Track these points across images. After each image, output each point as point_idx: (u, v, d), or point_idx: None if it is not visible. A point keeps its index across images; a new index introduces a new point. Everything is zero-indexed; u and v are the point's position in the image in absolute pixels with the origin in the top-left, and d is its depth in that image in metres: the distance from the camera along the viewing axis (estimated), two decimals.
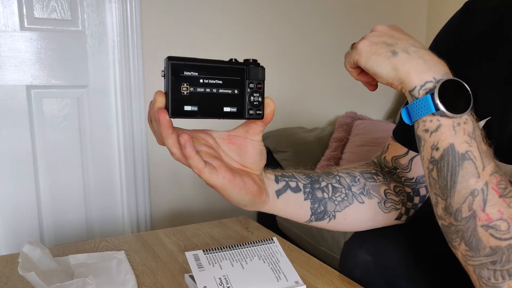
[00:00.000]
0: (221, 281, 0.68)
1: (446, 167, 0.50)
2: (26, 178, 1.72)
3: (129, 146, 1.84)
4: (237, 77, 0.51)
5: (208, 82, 0.49)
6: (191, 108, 0.48)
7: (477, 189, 0.48)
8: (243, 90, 0.51)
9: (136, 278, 0.75)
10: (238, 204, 0.57)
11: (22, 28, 1.64)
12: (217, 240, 0.95)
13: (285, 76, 2.13)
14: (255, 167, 0.58)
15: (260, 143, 0.58)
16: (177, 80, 0.47)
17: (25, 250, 0.70)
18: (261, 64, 0.53)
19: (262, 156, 0.59)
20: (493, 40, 0.62)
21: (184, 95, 0.48)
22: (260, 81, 0.52)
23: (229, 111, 0.51)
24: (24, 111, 1.68)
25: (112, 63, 1.79)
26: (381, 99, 2.40)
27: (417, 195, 0.72)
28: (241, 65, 0.51)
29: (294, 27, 2.12)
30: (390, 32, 0.54)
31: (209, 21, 1.92)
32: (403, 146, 0.71)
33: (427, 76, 0.50)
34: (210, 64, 0.49)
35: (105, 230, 1.88)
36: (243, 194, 0.56)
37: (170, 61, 0.47)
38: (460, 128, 0.49)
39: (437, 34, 0.71)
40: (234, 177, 0.54)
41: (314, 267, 0.82)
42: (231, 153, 0.57)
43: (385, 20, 2.33)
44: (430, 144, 0.51)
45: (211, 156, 0.53)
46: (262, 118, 0.53)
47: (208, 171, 0.51)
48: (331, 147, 1.94)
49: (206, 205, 2.02)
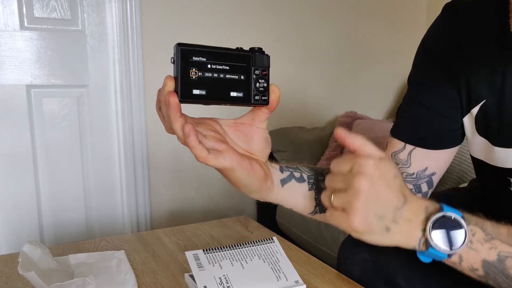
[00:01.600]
0: (221, 280, 0.68)
1: (497, 277, 0.52)
2: (26, 177, 1.72)
3: (129, 146, 1.84)
4: (243, 63, 0.53)
5: (216, 68, 0.51)
6: (199, 92, 0.50)
7: None
8: (249, 76, 0.53)
9: (136, 277, 0.75)
10: (245, 188, 0.58)
11: (22, 28, 1.64)
12: (217, 239, 0.95)
13: (285, 75, 2.12)
14: (261, 154, 0.59)
15: (266, 131, 0.59)
16: (186, 65, 0.49)
17: (25, 249, 0.70)
18: (266, 53, 0.54)
19: (268, 144, 0.60)
20: (480, 28, 0.64)
21: (192, 79, 0.50)
22: (265, 68, 0.54)
23: (236, 96, 0.52)
24: (24, 110, 1.68)
25: (112, 63, 1.79)
26: (381, 99, 2.40)
27: (419, 191, 0.72)
28: (247, 52, 0.53)
29: (294, 26, 2.12)
30: (376, 192, 0.50)
31: (209, 20, 1.92)
32: (400, 141, 0.72)
33: (417, 233, 0.52)
34: (217, 51, 0.51)
35: (105, 229, 1.88)
36: (251, 177, 0.57)
37: (180, 46, 0.49)
38: (476, 243, 0.52)
39: (423, 39, 0.72)
40: (242, 160, 0.55)
41: (314, 266, 0.82)
42: (237, 140, 0.58)
43: (385, 18, 2.33)
44: (467, 269, 0.53)
45: (217, 140, 0.54)
46: (267, 104, 0.55)
47: (213, 157, 0.52)
48: (331, 147, 1.94)
49: (206, 205, 2.02)
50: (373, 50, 2.34)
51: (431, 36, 0.71)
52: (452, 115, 0.68)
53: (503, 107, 0.62)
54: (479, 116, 0.65)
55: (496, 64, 0.62)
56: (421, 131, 0.70)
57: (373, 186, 0.50)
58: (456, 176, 1.50)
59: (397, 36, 2.36)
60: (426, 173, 0.72)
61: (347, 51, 2.27)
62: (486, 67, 0.63)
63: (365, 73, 2.34)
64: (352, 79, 2.31)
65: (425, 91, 0.70)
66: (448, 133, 0.70)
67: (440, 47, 0.68)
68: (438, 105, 0.68)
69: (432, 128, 0.70)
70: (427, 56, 0.71)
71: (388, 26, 2.35)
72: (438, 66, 0.68)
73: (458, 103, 0.67)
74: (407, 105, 0.73)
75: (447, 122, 0.69)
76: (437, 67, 0.68)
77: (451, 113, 0.68)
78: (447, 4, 0.69)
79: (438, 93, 0.68)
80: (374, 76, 2.36)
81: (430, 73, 0.69)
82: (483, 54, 0.63)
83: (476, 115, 0.66)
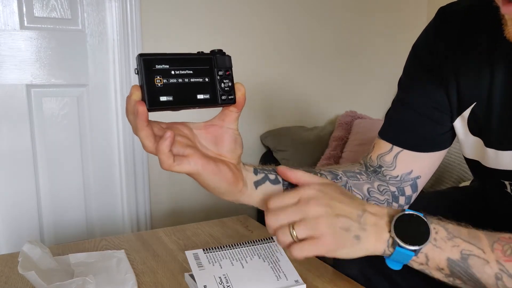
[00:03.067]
0: (221, 280, 0.68)
1: (461, 276, 0.53)
2: (26, 177, 1.72)
3: (129, 145, 1.84)
4: (206, 66, 0.54)
5: (180, 73, 0.52)
6: (167, 98, 0.51)
7: (497, 273, 0.51)
8: (213, 78, 0.54)
9: (136, 277, 0.76)
10: (214, 191, 0.59)
11: (22, 27, 1.64)
12: (217, 239, 0.95)
13: (285, 75, 2.13)
14: (231, 155, 0.60)
15: (236, 131, 0.60)
16: (150, 73, 0.50)
17: (25, 249, 0.70)
18: (226, 53, 0.55)
19: (238, 144, 0.60)
20: (471, 32, 0.64)
21: (158, 86, 0.51)
22: (227, 68, 0.55)
23: (203, 98, 0.53)
24: (24, 110, 1.68)
25: (112, 62, 1.79)
26: (381, 98, 2.40)
27: (402, 194, 0.73)
28: (208, 55, 0.54)
29: (295, 25, 2.11)
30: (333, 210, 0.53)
31: (209, 20, 1.92)
32: (387, 143, 0.72)
33: (384, 235, 0.54)
34: (179, 57, 0.52)
35: (105, 229, 1.88)
36: (217, 180, 0.57)
37: (142, 57, 0.50)
38: (439, 241, 0.53)
39: (414, 43, 0.73)
40: (208, 163, 0.55)
41: (314, 266, 0.82)
42: (207, 143, 0.59)
43: (385, 18, 2.33)
44: (434, 269, 0.55)
45: (184, 146, 0.55)
46: (234, 103, 0.56)
47: (177, 164, 0.53)
48: (331, 146, 1.94)
49: (206, 204, 2.02)
50: (374, 50, 2.34)
51: (422, 40, 0.72)
52: (440, 118, 0.69)
53: (491, 110, 0.63)
54: (470, 119, 0.66)
55: (483, 67, 0.63)
56: (409, 133, 0.71)
57: (328, 206, 0.53)
58: (456, 175, 1.50)
59: (398, 36, 2.36)
60: (411, 176, 0.72)
61: (348, 51, 2.27)
62: (474, 71, 0.64)
63: (365, 73, 2.34)
64: (352, 78, 2.31)
65: (414, 95, 0.70)
66: (435, 136, 0.70)
67: (430, 51, 0.69)
68: (426, 108, 0.69)
69: (420, 131, 0.70)
70: (417, 60, 0.71)
71: (388, 26, 2.35)
72: (427, 70, 0.68)
73: (447, 107, 0.68)
74: (396, 108, 0.74)
75: (435, 126, 0.70)
76: (426, 71, 0.69)
77: (439, 117, 0.69)
78: (441, 8, 0.70)
79: (426, 96, 0.69)
80: (374, 76, 2.36)
81: (420, 77, 0.70)
82: (472, 58, 0.64)
83: (468, 118, 0.66)
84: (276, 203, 0.54)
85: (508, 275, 0.51)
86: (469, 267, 0.52)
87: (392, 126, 0.73)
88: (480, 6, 0.64)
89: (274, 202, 0.55)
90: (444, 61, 0.66)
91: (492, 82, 0.62)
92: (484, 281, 0.52)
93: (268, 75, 2.08)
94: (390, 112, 0.75)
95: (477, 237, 0.53)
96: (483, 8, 0.63)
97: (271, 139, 2.00)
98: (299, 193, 0.54)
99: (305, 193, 0.54)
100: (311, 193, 0.54)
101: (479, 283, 0.53)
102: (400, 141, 0.71)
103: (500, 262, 0.51)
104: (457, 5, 0.68)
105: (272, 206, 0.54)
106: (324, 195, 0.54)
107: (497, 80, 0.61)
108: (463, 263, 0.52)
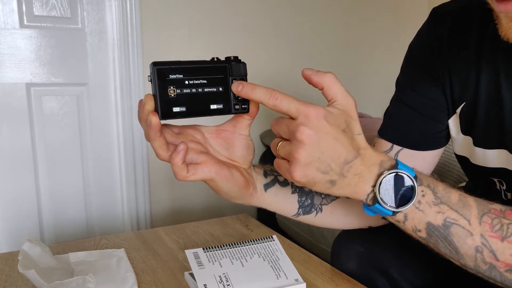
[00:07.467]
0: (221, 279, 0.68)
1: (438, 241, 0.52)
2: (26, 176, 1.72)
3: (129, 144, 1.84)
4: (220, 75, 0.53)
5: (193, 83, 0.51)
6: (180, 109, 0.51)
7: (478, 246, 0.50)
8: (227, 87, 0.53)
9: (136, 276, 0.76)
10: (226, 195, 0.59)
11: (21, 26, 1.64)
12: (217, 238, 0.95)
13: (285, 74, 2.12)
14: (243, 161, 0.60)
15: (248, 137, 0.59)
16: (164, 84, 0.50)
17: (25, 248, 0.70)
18: (242, 61, 0.54)
19: (250, 150, 0.60)
20: (461, 32, 0.65)
21: (171, 97, 0.50)
22: (242, 76, 0.54)
23: (216, 108, 0.53)
24: (23, 109, 1.68)
25: (112, 61, 1.79)
26: (381, 97, 2.40)
27: None
28: (223, 63, 0.53)
29: (295, 25, 2.11)
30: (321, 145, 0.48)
31: (209, 19, 1.91)
32: (387, 142, 0.72)
33: (367, 188, 0.51)
34: (193, 66, 0.51)
35: (105, 228, 1.88)
36: (230, 186, 0.57)
37: (155, 66, 0.49)
38: (424, 204, 0.51)
39: (410, 44, 0.73)
40: (221, 169, 0.55)
41: (314, 265, 0.82)
42: (219, 148, 0.58)
43: (386, 18, 2.33)
44: (410, 229, 0.53)
45: (197, 152, 0.55)
46: (248, 112, 0.55)
47: (192, 174, 0.53)
48: None
49: (206, 203, 2.02)
50: (374, 49, 2.34)
51: (417, 40, 0.72)
52: (438, 116, 0.69)
53: (477, 109, 0.63)
54: (462, 117, 0.67)
55: (471, 68, 0.63)
56: (408, 132, 0.71)
57: (317, 139, 0.47)
58: (456, 174, 1.50)
59: (397, 36, 2.36)
60: None
61: (348, 50, 2.27)
62: (464, 71, 0.64)
63: (365, 72, 2.33)
64: (352, 78, 2.31)
65: (411, 93, 0.71)
66: (434, 134, 0.71)
67: (424, 50, 0.69)
68: (424, 107, 0.69)
69: (419, 129, 0.71)
70: (413, 60, 0.72)
71: (388, 25, 2.35)
72: (423, 69, 0.69)
73: (444, 105, 0.68)
74: (394, 107, 0.74)
75: (433, 124, 0.70)
76: (422, 70, 0.69)
77: (437, 115, 0.69)
78: (433, 9, 0.71)
79: (423, 95, 0.69)
80: (375, 75, 2.36)
81: (416, 76, 0.70)
82: (462, 58, 0.64)
83: (460, 116, 0.67)
84: (284, 105, 0.49)
85: (490, 250, 0.49)
86: (449, 234, 0.51)
87: (392, 125, 0.74)
88: (471, 7, 0.65)
89: (284, 104, 0.49)
90: (438, 60, 0.67)
91: (478, 82, 0.63)
92: (463, 251, 0.51)
93: (268, 74, 2.08)
94: (389, 111, 0.75)
95: (466, 205, 0.51)
96: (474, 9, 0.64)
97: (270, 138, 2.00)
98: (301, 111, 0.48)
99: (305, 116, 0.47)
100: (314, 113, 0.47)
101: (456, 251, 0.51)
102: (400, 140, 0.71)
103: (485, 236, 0.49)
104: (449, 6, 0.69)
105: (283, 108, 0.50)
106: (325, 123, 0.47)
107: (482, 80, 0.62)
108: (444, 230, 0.51)
